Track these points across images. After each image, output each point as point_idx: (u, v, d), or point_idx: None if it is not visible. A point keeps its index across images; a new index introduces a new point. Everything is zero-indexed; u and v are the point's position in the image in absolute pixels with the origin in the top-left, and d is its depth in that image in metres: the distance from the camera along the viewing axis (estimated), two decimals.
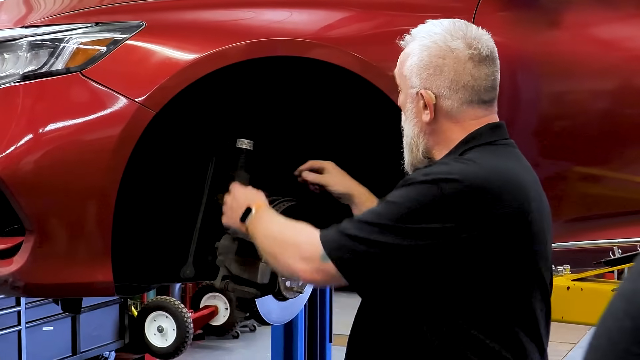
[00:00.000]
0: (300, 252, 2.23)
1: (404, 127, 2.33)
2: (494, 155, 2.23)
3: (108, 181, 2.49)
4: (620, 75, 2.99)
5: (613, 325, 0.41)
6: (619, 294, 0.42)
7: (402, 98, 2.32)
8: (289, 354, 5.46)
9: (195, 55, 2.54)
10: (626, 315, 0.39)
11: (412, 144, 2.30)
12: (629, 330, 0.39)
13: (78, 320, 7.70)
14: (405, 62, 2.29)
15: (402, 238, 2.10)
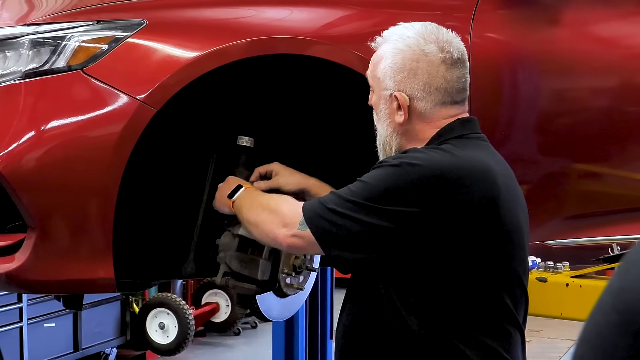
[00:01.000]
0: (282, 218, 2.35)
1: (377, 127, 2.39)
2: (464, 146, 2.28)
3: (109, 178, 2.50)
4: (620, 73, 3.00)
5: (601, 319, 0.42)
6: (607, 290, 0.43)
7: (375, 99, 2.38)
8: (290, 351, 5.47)
9: (196, 53, 2.55)
10: (614, 310, 0.40)
11: (385, 143, 2.36)
12: (616, 325, 0.40)
13: (80, 316, 7.71)
14: (379, 64, 2.35)
15: (371, 217, 2.18)
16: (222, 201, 2.62)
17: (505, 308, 2.25)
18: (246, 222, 2.49)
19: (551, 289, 5.03)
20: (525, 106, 2.89)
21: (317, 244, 2.27)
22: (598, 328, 0.40)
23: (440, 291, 2.20)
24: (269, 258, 2.67)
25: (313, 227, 2.26)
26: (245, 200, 2.53)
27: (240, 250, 2.68)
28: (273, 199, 2.47)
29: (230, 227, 2.71)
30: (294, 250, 2.59)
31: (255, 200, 2.51)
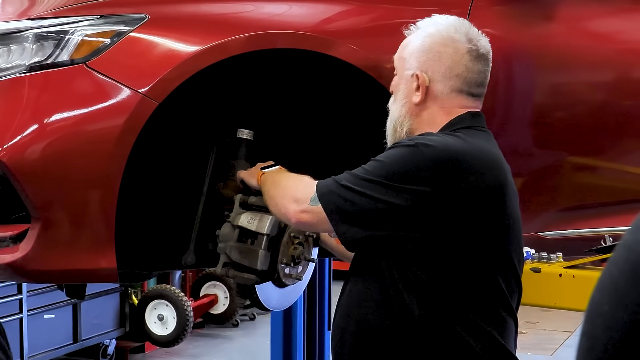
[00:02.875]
0: (295, 194, 2.41)
1: (391, 108, 2.45)
2: (475, 136, 2.34)
3: (112, 170, 2.53)
4: (614, 68, 3.04)
5: (615, 270, 0.46)
6: (621, 244, 0.47)
7: (397, 80, 2.46)
8: (288, 342, 5.49)
9: (197, 47, 2.59)
10: (627, 261, 0.44)
11: (396, 123, 2.42)
12: (628, 273, 0.44)
13: (79, 308, 7.72)
14: (407, 46, 2.43)
15: (384, 194, 2.23)
16: (253, 172, 2.71)
17: (501, 294, 2.30)
18: (265, 195, 2.58)
19: (545, 279, 5.07)
20: (520, 100, 2.94)
21: (327, 220, 2.31)
22: (612, 277, 0.45)
23: (441, 272, 2.25)
24: (268, 248, 2.71)
25: (324, 202, 2.30)
26: (272, 175, 2.62)
27: (240, 241, 2.72)
28: (293, 177, 2.54)
29: (230, 218, 2.75)
30: (303, 227, 2.60)
31: (280, 176, 2.59)
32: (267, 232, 2.68)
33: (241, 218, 2.72)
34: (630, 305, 0.41)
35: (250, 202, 2.73)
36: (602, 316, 0.42)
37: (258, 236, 2.70)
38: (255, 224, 2.70)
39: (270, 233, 2.70)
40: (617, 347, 0.40)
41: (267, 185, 2.58)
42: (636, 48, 3.07)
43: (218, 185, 2.89)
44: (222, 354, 8.65)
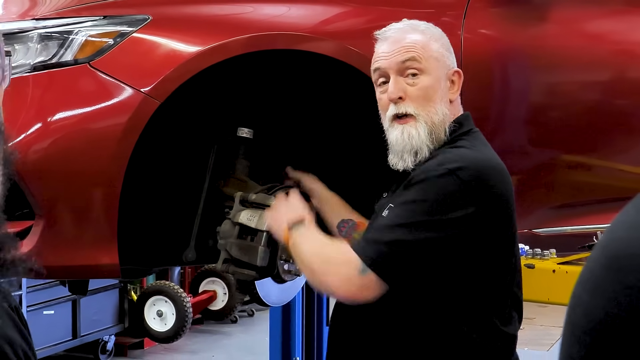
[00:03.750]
0: (339, 270, 2.27)
1: (428, 111, 2.35)
2: (479, 142, 2.37)
3: (115, 168, 2.58)
4: (607, 68, 3.08)
5: (593, 265, 0.51)
6: (597, 244, 0.52)
7: (430, 80, 2.36)
8: (286, 338, 5.51)
9: (199, 48, 2.64)
10: (602, 256, 0.49)
11: (438, 126, 2.34)
12: (604, 266, 0.49)
13: (78, 304, 7.74)
14: (428, 46, 2.37)
15: (435, 231, 2.20)
16: (279, 224, 2.53)
17: (514, 294, 2.36)
18: (300, 262, 2.43)
19: (539, 275, 5.10)
20: (515, 99, 2.98)
21: (382, 284, 2.24)
22: (590, 271, 0.50)
23: (467, 278, 2.28)
24: (268, 245, 2.76)
25: (376, 268, 2.22)
26: (304, 239, 2.43)
27: (240, 237, 2.76)
28: (327, 245, 2.37)
29: (231, 215, 2.79)
30: (358, 301, 2.33)
31: (311, 240, 2.41)
32: (267, 229, 2.72)
33: (241, 215, 2.76)
34: (606, 293, 0.46)
35: (250, 200, 2.78)
36: (581, 305, 0.48)
37: (258, 233, 2.74)
38: (255, 221, 2.74)
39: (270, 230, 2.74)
40: (595, 330, 0.46)
41: (298, 249, 2.42)
42: (629, 49, 3.11)
43: (218, 182, 2.93)
44: (220, 350, 8.67)
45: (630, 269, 0.44)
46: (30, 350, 1.18)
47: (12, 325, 1.14)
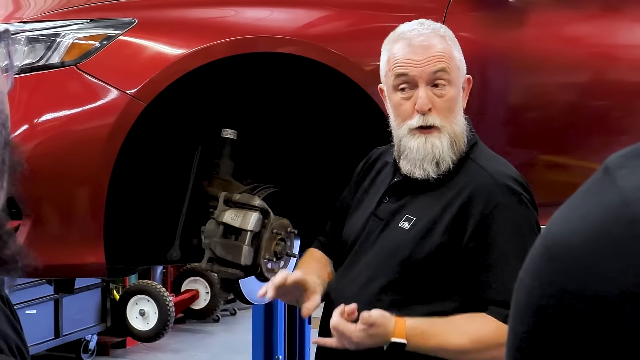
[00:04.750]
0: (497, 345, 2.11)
1: (448, 125, 2.29)
2: (488, 149, 2.40)
3: (101, 168, 2.61)
4: (584, 71, 3.15)
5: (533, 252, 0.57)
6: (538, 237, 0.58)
7: (454, 92, 2.30)
8: (269, 337, 5.53)
9: (184, 50, 2.68)
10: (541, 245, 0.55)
11: (461, 135, 2.31)
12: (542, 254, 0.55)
13: (61, 303, 7.72)
14: (452, 55, 2.30)
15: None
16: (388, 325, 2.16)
17: None
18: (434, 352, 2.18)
19: None
20: (494, 101, 3.04)
21: None
22: (531, 258, 0.55)
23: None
24: (252, 244, 2.81)
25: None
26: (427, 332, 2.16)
27: (225, 237, 2.81)
28: (465, 336, 2.16)
29: (215, 215, 2.84)
30: None
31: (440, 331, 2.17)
32: (251, 229, 2.77)
33: (225, 215, 2.81)
34: (542, 277, 0.52)
35: (234, 200, 2.82)
36: (523, 287, 0.54)
37: (242, 232, 2.79)
38: (239, 221, 2.79)
39: (254, 229, 2.79)
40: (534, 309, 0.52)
41: (434, 342, 2.15)
42: (605, 52, 3.18)
43: (203, 183, 2.98)
44: (203, 348, 8.69)
45: (561, 258, 0.50)
46: (23, 345, 1.19)
47: (5, 320, 1.15)
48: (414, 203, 2.31)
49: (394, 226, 2.30)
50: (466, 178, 2.26)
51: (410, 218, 2.28)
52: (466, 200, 2.22)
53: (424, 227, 2.25)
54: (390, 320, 2.14)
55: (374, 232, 2.34)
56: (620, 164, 0.52)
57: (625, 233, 0.48)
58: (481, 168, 2.27)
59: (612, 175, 0.51)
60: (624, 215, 0.48)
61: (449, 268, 2.22)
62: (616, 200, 0.49)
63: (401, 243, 2.26)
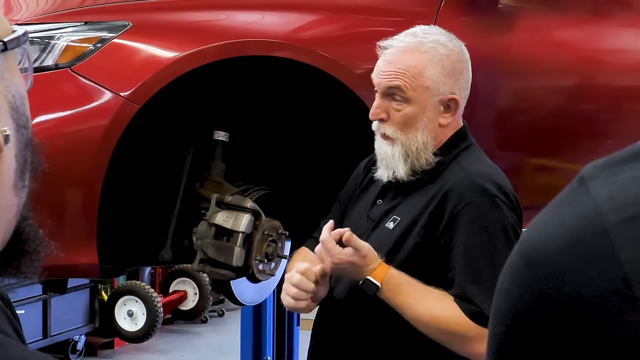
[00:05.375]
0: (471, 340, 2.18)
1: (408, 136, 2.32)
2: (482, 154, 2.43)
3: (95, 170, 2.64)
4: (571, 75, 3.19)
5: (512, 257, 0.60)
6: (518, 242, 0.61)
7: (415, 109, 2.31)
8: (257, 338, 5.54)
9: (177, 54, 2.71)
10: (519, 251, 0.58)
11: (419, 150, 2.32)
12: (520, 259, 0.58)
13: (49, 304, 7.72)
14: (422, 74, 2.29)
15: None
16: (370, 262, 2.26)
17: None
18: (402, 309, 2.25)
19: None
20: (483, 104, 3.08)
21: None
22: (510, 263, 0.59)
23: None
24: (243, 246, 2.83)
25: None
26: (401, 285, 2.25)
27: (217, 238, 2.84)
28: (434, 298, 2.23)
29: (207, 216, 2.87)
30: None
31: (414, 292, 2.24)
32: (243, 230, 2.80)
33: (217, 216, 2.83)
34: (521, 281, 0.56)
35: (226, 202, 2.85)
36: (503, 291, 0.57)
37: (234, 234, 2.81)
38: (231, 222, 2.81)
39: (246, 231, 2.82)
40: (513, 312, 0.56)
41: (402, 300, 2.24)
42: (593, 56, 3.22)
43: (195, 184, 3.00)
44: (191, 349, 8.70)
45: (539, 263, 0.54)
46: (23, 344, 1.21)
47: (5, 320, 1.17)
48: (402, 204, 2.36)
49: (382, 227, 2.36)
50: (447, 178, 2.32)
51: (396, 218, 2.34)
52: (442, 199, 2.28)
53: (404, 227, 2.31)
54: (376, 259, 2.24)
55: (365, 233, 2.38)
56: (594, 174, 0.55)
57: (598, 242, 0.51)
58: (461, 168, 2.32)
59: (586, 185, 0.54)
60: (597, 225, 0.52)
61: (426, 266, 2.28)
62: (590, 210, 0.53)
63: (384, 242, 2.32)
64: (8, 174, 0.69)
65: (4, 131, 0.68)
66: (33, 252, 0.74)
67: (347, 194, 2.57)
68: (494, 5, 3.07)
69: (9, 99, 0.69)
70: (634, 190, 0.52)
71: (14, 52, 0.72)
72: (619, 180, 0.54)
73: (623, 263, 0.50)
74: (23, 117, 0.72)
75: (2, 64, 0.69)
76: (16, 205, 0.70)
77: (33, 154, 0.74)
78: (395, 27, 2.52)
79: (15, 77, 0.71)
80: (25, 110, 0.72)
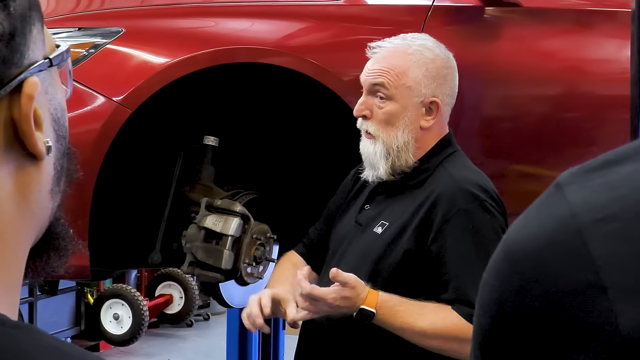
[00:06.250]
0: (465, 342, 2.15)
1: (382, 136, 2.39)
2: (467, 160, 2.49)
3: (87, 172, 2.67)
4: (556, 83, 3.24)
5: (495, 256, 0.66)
6: (501, 240, 0.67)
7: (396, 107, 2.39)
8: (243, 342, 5.55)
9: (169, 60, 2.76)
10: (501, 250, 0.64)
11: (400, 150, 2.39)
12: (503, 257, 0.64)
13: (35, 306, 7.72)
14: (406, 74, 2.38)
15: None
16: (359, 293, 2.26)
17: None
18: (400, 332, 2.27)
19: None
20: (468, 112, 3.12)
21: None
22: (494, 260, 0.64)
23: None
24: (232, 249, 2.87)
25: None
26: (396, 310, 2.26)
27: (206, 241, 2.88)
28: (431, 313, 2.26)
29: (197, 219, 2.91)
30: None
31: (409, 313, 2.25)
32: (232, 234, 2.84)
33: (207, 220, 2.88)
34: (502, 276, 0.61)
35: (215, 205, 2.89)
36: (487, 285, 0.63)
37: (223, 237, 2.86)
38: (220, 226, 2.86)
39: (235, 234, 2.86)
40: (496, 305, 0.61)
41: (401, 320, 2.24)
42: (577, 65, 3.27)
43: (185, 188, 3.04)
44: (176, 353, 8.71)
45: (517, 261, 0.59)
46: None
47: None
48: (390, 209, 2.41)
49: (370, 231, 2.40)
50: (435, 184, 2.37)
51: (384, 223, 2.38)
52: (431, 205, 2.33)
53: (394, 232, 2.36)
54: (364, 287, 2.25)
55: (353, 238, 2.44)
56: (570, 180, 0.61)
57: (572, 240, 0.57)
58: (449, 175, 2.38)
59: (562, 190, 0.60)
60: (572, 225, 0.57)
61: (416, 271, 2.32)
62: (566, 212, 0.58)
63: (373, 245, 2.37)
64: (47, 181, 0.75)
65: (47, 142, 0.74)
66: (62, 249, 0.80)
67: (335, 202, 2.62)
68: (480, 15, 3.13)
69: (51, 112, 0.75)
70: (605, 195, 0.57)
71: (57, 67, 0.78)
72: (592, 185, 0.59)
73: (594, 258, 0.55)
74: (63, 127, 0.78)
75: (47, 79, 0.75)
76: (51, 209, 0.76)
77: (69, 162, 0.80)
78: (383, 36, 2.56)
79: (58, 90, 0.77)
80: (64, 122, 0.78)
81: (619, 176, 0.59)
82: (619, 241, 0.56)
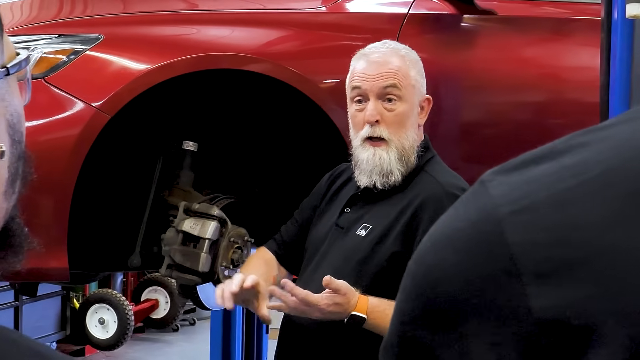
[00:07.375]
0: None
1: (396, 138, 2.41)
2: (445, 165, 2.53)
3: (66, 177, 2.72)
4: (533, 90, 3.29)
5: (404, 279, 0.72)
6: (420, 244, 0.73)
7: (405, 107, 2.43)
8: (227, 346, 5.58)
9: (147, 66, 2.80)
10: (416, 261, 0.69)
11: (409, 149, 2.43)
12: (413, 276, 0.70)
13: (21, 311, 7.72)
14: (408, 74, 2.44)
15: None
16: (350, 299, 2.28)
17: None
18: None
19: None
20: (446, 118, 3.17)
21: None
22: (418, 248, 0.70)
23: None
24: (210, 252, 2.91)
25: None
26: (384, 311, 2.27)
27: (184, 244, 2.92)
28: None
29: (175, 223, 2.95)
30: None
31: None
32: (209, 237, 2.88)
33: (185, 223, 2.91)
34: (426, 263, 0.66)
35: (193, 209, 2.93)
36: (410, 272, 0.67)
37: (200, 240, 2.89)
38: (198, 229, 2.89)
39: (212, 238, 2.90)
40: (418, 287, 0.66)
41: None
42: (553, 73, 3.31)
43: (164, 192, 3.08)
44: (162, 358, 8.72)
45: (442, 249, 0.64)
46: None
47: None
48: (372, 212, 2.44)
49: (352, 233, 2.43)
50: (419, 188, 2.41)
51: (367, 226, 2.41)
52: (417, 208, 2.36)
53: (378, 234, 2.38)
54: (355, 294, 2.27)
55: (334, 240, 2.47)
56: (492, 177, 0.66)
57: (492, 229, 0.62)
58: (433, 179, 2.41)
59: (485, 185, 0.65)
60: (493, 216, 0.63)
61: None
62: (488, 205, 0.64)
63: (358, 248, 2.40)
64: (0, 183, 0.79)
65: (0, 147, 0.78)
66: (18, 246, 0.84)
67: (309, 203, 2.65)
68: (456, 23, 3.17)
69: (7, 118, 0.79)
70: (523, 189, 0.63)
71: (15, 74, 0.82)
72: (511, 182, 0.64)
73: (510, 245, 0.60)
74: (18, 133, 0.82)
75: (4, 87, 0.79)
76: (5, 209, 0.81)
77: (24, 164, 0.84)
78: (361, 43, 2.60)
79: (14, 97, 0.81)
80: (20, 127, 0.82)
81: (535, 173, 0.64)
82: (532, 230, 0.60)
